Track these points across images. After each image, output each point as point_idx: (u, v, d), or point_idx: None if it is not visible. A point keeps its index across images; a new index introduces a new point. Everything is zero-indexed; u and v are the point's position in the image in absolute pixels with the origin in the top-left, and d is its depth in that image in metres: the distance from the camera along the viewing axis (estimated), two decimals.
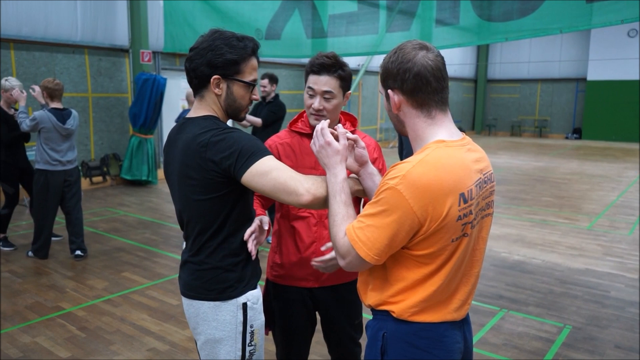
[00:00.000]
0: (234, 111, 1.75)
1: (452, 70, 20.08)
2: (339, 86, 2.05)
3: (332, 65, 2.01)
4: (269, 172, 1.55)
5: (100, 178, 9.39)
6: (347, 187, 1.50)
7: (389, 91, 1.46)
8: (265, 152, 1.60)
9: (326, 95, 2.03)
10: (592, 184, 10.38)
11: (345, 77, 2.05)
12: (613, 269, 5.22)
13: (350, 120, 2.29)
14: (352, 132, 2.19)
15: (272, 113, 5.73)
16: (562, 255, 5.68)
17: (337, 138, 1.57)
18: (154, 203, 8.18)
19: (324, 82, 2.01)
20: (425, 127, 1.45)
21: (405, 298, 1.44)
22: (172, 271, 4.99)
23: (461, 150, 1.43)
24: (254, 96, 1.76)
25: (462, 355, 1.54)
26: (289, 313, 2.26)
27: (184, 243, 1.87)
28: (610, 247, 6.04)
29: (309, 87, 2.05)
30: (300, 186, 1.52)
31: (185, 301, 1.82)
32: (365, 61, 15.21)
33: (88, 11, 9.09)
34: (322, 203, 1.53)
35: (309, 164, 2.17)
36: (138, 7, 9.35)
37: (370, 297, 1.53)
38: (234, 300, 1.74)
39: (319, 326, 2.41)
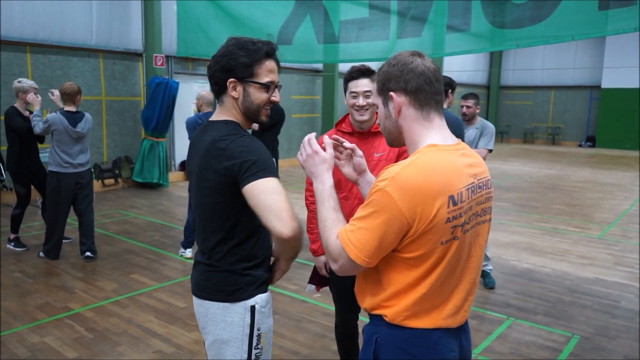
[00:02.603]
0: (253, 113, 1.79)
1: (464, 76, 20.02)
2: (376, 87, 2.47)
3: (367, 71, 2.56)
4: (272, 192, 1.59)
5: (112, 180, 9.49)
6: (334, 194, 1.54)
7: (391, 93, 1.49)
8: (274, 173, 1.64)
9: (367, 93, 2.53)
10: (605, 192, 10.27)
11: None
12: (624, 279, 5.16)
13: None
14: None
15: (270, 117, 5.74)
16: (572, 264, 5.62)
17: (324, 149, 1.62)
18: (164, 206, 8.25)
19: (364, 84, 2.53)
20: (421, 130, 1.48)
21: (397, 302, 1.45)
22: (181, 274, 5.03)
23: (453, 154, 1.45)
24: (273, 97, 1.79)
25: None
26: (339, 278, 2.55)
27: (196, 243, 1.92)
28: (622, 256, 5.96)
29: (352, 92, 2.56)
30: (292, 221, 1.57)
31: (196, 300, 1.86)
32: (377, 67, 15.19)
33: (103, 16, 9.22)
34: (295, 245, 1.65)
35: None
36: (152, 11, 9.46)
37: (365, 300, 1.55)
38: (242, 303, 1.77)
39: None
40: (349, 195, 2.61)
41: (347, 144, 1.69)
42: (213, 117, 1.82)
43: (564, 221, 7.69)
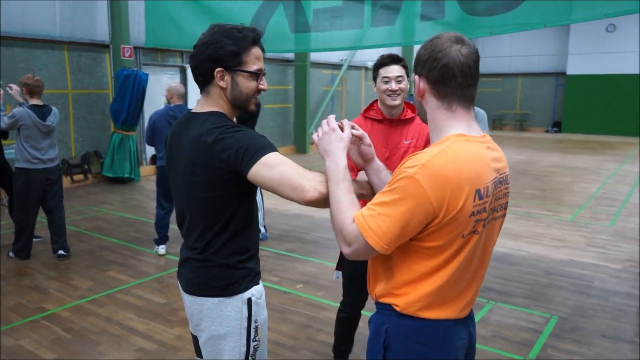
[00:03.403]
0: (242, 103, 1.73)
1: None
2: (405, 73, 2.70)
3: (397, 58, 2.69)
4: (275, 166, 1.53)
5: (81, 176, 9.23)
6: (349, 175, 1.47)
7: (416, 77, 1.47)
8: (272, 148, 1.59)
9: (399, 78, 2.66)
10: (574, 176, 10.53)
11: (407, 66, 2.68)
12: (596, 260, 5.30)
13: (411, 108, 2.77)
14: (412, 118, 2.78)
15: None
16: (547, 247, 5.75)
17: (342, 129, 1.55)
18: (137, 201, 8.07)
19: (396, 70, 2.67)
20: (444, 119, 1.45)
21: (410, 291, 1.43)
22: (158, 269, 4.93)
23: (480, 147, 1.42)
24: (261, 86, 1.73)
25: (466, 350, 1.53)
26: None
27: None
28: (593, 238, 6.13)
29: (384, 77, 2.67)
30: (307, 182, 1.49)
31: (188, 298, 1.80)
32: (348, 56, 15.18)
33: (67, 5, 8.91)
34: (326, 201, 1.49)
35: (379, 144, 2.64)
36: (119, 1, 9.18)
37: (377, 286, 1.52)
38: (238, 296, 1.73)
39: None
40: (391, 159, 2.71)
41: (356, 130, 1.64)
42: (197, 109, 1.75)
43: (537, 205, 7.86)
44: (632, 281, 4.74)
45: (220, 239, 1.70)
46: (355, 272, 2.81)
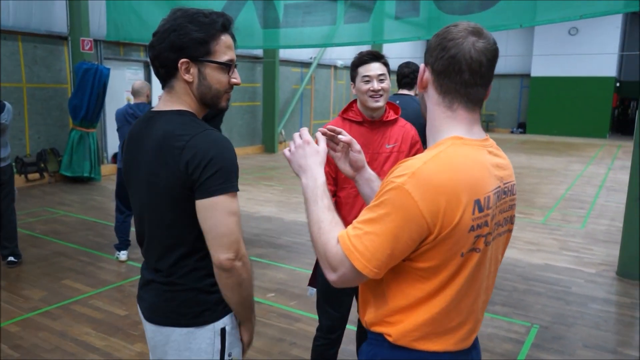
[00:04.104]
0: (211, 99, 1.49)
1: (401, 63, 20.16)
2: (387, 71, 2.46)
3: (378, 55, 2.46)
4: (232, 215, 1.38)
5: (37, 175, 8.72)
6: (328, 192, 1.30)
7: (422, 65, 1.29)
8: (234, 187, 1.41)
9: (381, 77, 2.42)
10: (541, 177, 10.62)
11: (388, 64, 2.47)
12: (571, 264, 5.26)
13: (393, 109, 2.57)
14: (395, 120, 2.53)
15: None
16: (522, 250, 5.68)
17: (316, 142, 1.39)
18: (97, 202, 7.65)
19: (377, 67, 2.43)
20: (443, 117, 1.26)
21: (404, 319, 1.24)
22: (119, 277, 4.60)
23: (480, 151, 1.24)
24: (233, 79, 1.50)
25: None
26: None
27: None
28: (565, 241, 6.11)
29: (365, 76, 2.42)
30: (240, 246, 1.41)
31: (150, 327, 1.54)
32: (317, 54, 14.98)
33: None
34: (243, 275, 1.44)
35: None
36: None
37: (367, 313, 1.33)
38: (210, 326, 1.50)
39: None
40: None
41: (343, 136, 1.44)
42: (160, 107, 1.50)
43: None
44: (608, 286, 4.70)
45: (190, 260, 1.47)
46: (330, 288, 2.51)
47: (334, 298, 2.54)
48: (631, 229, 4.84)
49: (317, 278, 2.60)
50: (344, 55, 16.41)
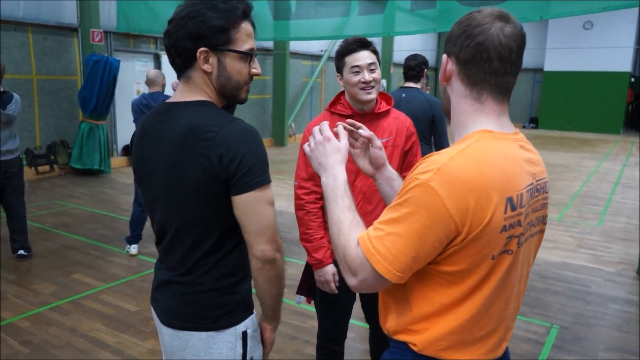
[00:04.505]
0: (230, 91, 1.41)
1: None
2: (377, 59, 2.22)
3: (366, 41, 2.20)
4: (266, 203, 1.34)
5: (47, 167, 8.69)
6: (349, 191, 1.23)
7: (444, 55, 1.19)
8: (269, 178, 1.37)
9: (371, 66, 2.18)
10: (555, 173, 10.46)
11: (377, 51, 2.24)
12: (589, 262, 5.14)
13: (385, 99, 2.34)
14: (388, 111, 2.31)
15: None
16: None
17: (337, 137, 1.32)
18: (107, 194, 7.61)
19: (367, 56, 2.17)
20: (470, 111, 1.17)
21: (430, 327, 1.16)
22: (129, 272, 4.55)
23: (512, 146, 1.15)
24: (253, 70, 1.41)
25: None
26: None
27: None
28: (582, 238, 5.98)
29: (354, 66, 2.17)
30: (278, 237, 1.37)
31: (168, 331, 1.46)
32: (328, 46, 14.84)
33: None
34: (283, 266, 1.42)
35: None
36: None
37: (388, 320, 1.25)
38: (232, 329, 1.42)
39: None
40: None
41: (364, 130, 1.37)
42: (177, 98, 1.41)
43: None
44: (628, 286, 4.57)
45: (213, 258, 1.39)
46: (326, 300, 2.36)
47: (334, 306, 2.38)
48: None
49: (312, 283, 2.40)
50: None
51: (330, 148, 1.28)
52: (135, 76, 10.04)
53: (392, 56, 16.57)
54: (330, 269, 2.24)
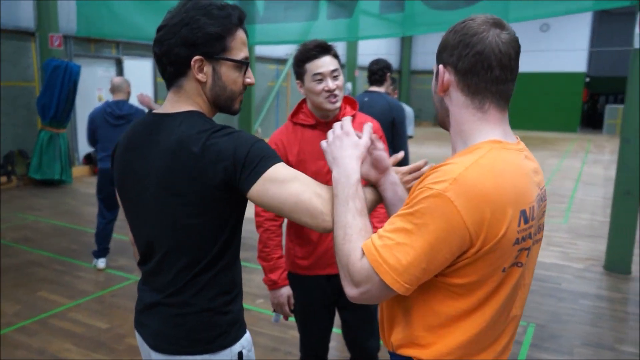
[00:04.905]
0: (225, 101, 1.34)
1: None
2: (339, 64, 2.10)
3: (327, 46, 2.06)
4: (286, 182, 1.18)
5: (4, 178, 8.31)
6: (362, 192, 1.17)
7: (440, 66, 1.16)
8: (277, 158, 1.23)
9: (334, 73, 2.05)
10: None
11: (338, 56, 2.10)
12: (558, 260, 5.25)
13: (350, 104, 2.24)
14: (353, 116, 2.17)
15: None
16: None
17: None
18: (70, 206, 7.33)
19: (329, 62, 2.04)
20: (473, 120, 1.15)
21: (437, 340, 1.13)
22: (98, 287, 4.37)
23: (519, 156, 1.13)
24: (247, 79, 1.35)
25: None
26: (307, 301, 2.26)
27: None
28: (550, 236, 6.12)
29: (315, 74, 2.03)
30: (329, 206, 1.17)
31: (157, 356, 1.38)
32: (293, 50, 14.79)
33: None
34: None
35: (316, 155, 2.10)
36: None
37: (392, 333, 1.21)
38: (227, 351, 1.35)
39: None
40: None
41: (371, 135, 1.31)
42: (167, 109, 1.33)
43: None
44: (597, 281, 4.70)
45: (206, 276, 1.32)
46: (309, 309, 2.27)
47: (315, 322, 2.32)
48: (618, 224, 4.85)
49: (295, 295, 2.28)
50: None
51: (348, 142, 1.21)
52: (96, 82, 9.76)
53: (356, 60, 16.65)
54: (285, 291, 2.18)
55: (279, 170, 1.19)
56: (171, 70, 1.30)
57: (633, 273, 4.85)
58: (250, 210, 1.43)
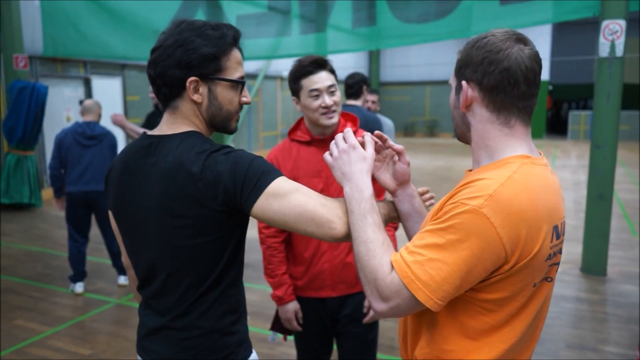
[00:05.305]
0: (221, 121, 1.34)
1: (346, 74, 20.35)
2: (335, 80, 2.06)
3: (322, 61, 2.03)
4: (287, 195, 1.18)
5: None
6: (377, 205, 1.16)
7: (463, 82, 1.15)
8: (278, 172, 1.23)
9: (331, 89, 2.02)
10: None
11: (334, 71, 2.07)
12: None
13: (351, 120, 2.20)
14: (355, 132, 2.12)
15: None
16: None
17: (363, 145, 1.25)
18: (41, 230, 7.11)
19: (325, 78, 2.01)
20: (500, 136, 1.15)
21: (465, 355, 1.11)
22: (77, 312, 4.24)
23: (547, 172, 1.14)
24: (244, 99, 1.35)
25: None
26: (303, 323, 2.20)
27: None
28: None
29: (312, 90, 2.00)
30: (334, 214, 1.17)
31: None
32: (264, 65, 14.83)
33: None
34: (348, 237, 1.20)
35: (310, 173, 2.08)
36: (8, 4, 8.13)
37: (416, 347, 1.20)
38: None
39: None
40: None
41: (395, 144, 1.31)
42: (163, 130, 1.32)
43: None
44: (576, 284, 4.81)
45: (212, 295, 1.30)
46: (305, 331, 2.21)
47: (311, 341, 2.26)
48: (592, 227, 4.99)
49: (275, 319, 2.30)
50: (290, 66, 16.32)
51: (356, 156, 1.19)
52: (64, 102, 9.55)
53: None
54: (292, 306, 2.15)
55: (281, 184, 1.19)
56: (166, 92, 1.29)
57: (609, 274, 4.99)
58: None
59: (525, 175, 1.08)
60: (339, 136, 1.25)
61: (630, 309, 4.18)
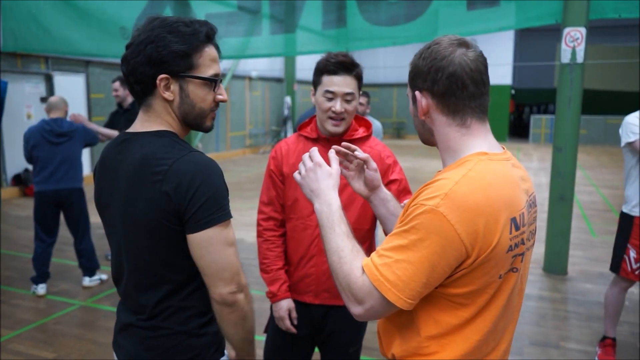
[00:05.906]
0: (194, 119, 1.33)
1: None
2: (357, 87, 1.95)
3: (351, 64, 1.90)
4: (231, 246, 1.26)
5: None
6: (345, 217, 1.22)
7: (417, 93, 1.21)
8: (229, 213, 1.28)
9: (347, 97, 1.90)
10: None
11: (361, 76, 1.96)
12: None
13: (365, 125, 2.10)
14: (367, 137, 2.07)
15: (132, 122, 5.04)
16: None
17: (327, 163, 1.32)
18: (1, 230, 6.87)
19: (345, 83, 1.89)
20: (458, 137, 1.20)
21: (440, 349, 1.16)
22: (39, 315, 4.11)
23: (506, 165, 1.19)
24: (219, 96, 1.35)
25: None
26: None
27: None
28: None
29: (328, 90, 1.89)
30: (240, 278, 1.29)
31: None
32: (232, 65, 14.71)
33: None
34: (246, 308, 1.32)
35: None
36: None
37: (393, 346, 1.24)
38: None
39: None
40: (309, 224, 2.00)
41: (359, 152, 1.37)
42: (137, 127, 1.33)
43: None
44: (538, 283, 4.96)
45: (174, 299, 1.31)
46: (294, 338, 2.13)
47: (297, 344, 2.15)
48: (554, 227, 5.15)
49: (269, 322, 2.20)
50: (258, 66, 16.27)
51: (322, 174, 1.27)
52: (24, 99, 9.26)
53: (295, 74, 16.80)
54: (286, 304, 2.05)
55: (224, 232, 1.25)
56: (138, 89, 1.29)
57: (569, 273, 5.16)
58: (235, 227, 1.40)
59: (480, 171, 1.12)
60: (305, 156, 1.31)
61: (590, 306, 4.34)
